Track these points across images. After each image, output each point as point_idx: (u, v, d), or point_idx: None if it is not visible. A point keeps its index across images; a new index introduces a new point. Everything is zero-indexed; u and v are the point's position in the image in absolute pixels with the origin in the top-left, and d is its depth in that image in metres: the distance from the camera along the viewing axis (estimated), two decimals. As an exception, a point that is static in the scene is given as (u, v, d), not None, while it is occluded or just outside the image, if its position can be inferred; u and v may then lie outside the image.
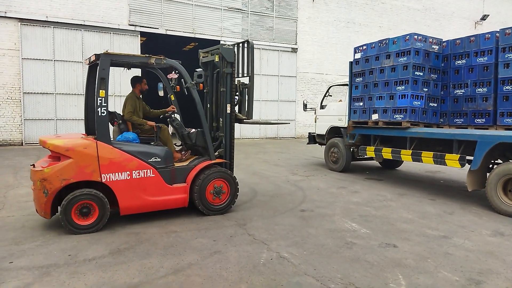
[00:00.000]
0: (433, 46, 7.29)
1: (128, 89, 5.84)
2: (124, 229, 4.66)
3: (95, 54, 4.84)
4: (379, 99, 7.68)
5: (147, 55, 5.04)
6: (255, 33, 17.34)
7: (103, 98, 4.60)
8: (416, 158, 7.01)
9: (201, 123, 5.41)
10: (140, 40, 15.23)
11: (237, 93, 5.95)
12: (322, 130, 10.22)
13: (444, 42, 7.44)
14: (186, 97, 5.59)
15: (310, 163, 10.80)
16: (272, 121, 9.52)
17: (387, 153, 7.63)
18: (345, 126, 8.94)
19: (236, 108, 6.01)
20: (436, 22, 21.89)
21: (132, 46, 14.89)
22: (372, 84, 7.89)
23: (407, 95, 7.05)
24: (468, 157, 6.29)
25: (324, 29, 18.94)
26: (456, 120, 7.12)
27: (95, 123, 4.67)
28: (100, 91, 4.60)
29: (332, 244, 4.29)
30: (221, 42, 16.49)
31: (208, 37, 16.34)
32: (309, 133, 10.82)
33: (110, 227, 4.70)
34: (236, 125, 6.00)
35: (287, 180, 8.06)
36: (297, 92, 18.75)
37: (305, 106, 10.71)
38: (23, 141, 13.70)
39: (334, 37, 19.14)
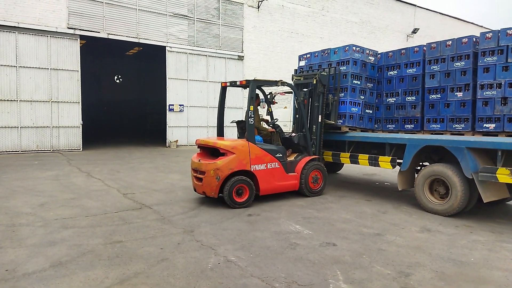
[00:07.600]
0: (369, 57, 7.85)
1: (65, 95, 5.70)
2: (65, 241, 4.50)
3: (245, 79, 6.61)
4: (321, 106, 8.08)
5: (276, 80, 6.92)
6: (201, 40, 17.34)
7: (251, 112, 6.32)
8: (354, 160, 7.48)
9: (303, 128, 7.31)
10: (80, 43, 14.58)
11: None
12: (268, 136, 10.50)
13: (378, 54, 8.03)
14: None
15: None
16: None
17: (328, 156, 8.04)
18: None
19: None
20: (371, 35, 23.35)
21: (71, 50, 14.19)
22: (315, 92, 8.27)
23: (346, 101, 7.52)
24: (398, 160, 6.83)
25: (269, 38, 19.41)
26: (389, 125, 7.70)
27: (244, 129, 6.69)
28: (251, 106, 6.30)
29: (277, 246, 4.48)
30: (167, 49, 16.29)
31: (153, 42, 16.03)
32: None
33: (51, 239, 4.51)
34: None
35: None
36: (244, 99, 18.95)
37: None
38: None
39: (278, 46, 19.68)
